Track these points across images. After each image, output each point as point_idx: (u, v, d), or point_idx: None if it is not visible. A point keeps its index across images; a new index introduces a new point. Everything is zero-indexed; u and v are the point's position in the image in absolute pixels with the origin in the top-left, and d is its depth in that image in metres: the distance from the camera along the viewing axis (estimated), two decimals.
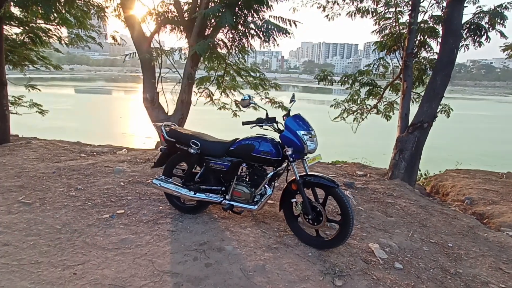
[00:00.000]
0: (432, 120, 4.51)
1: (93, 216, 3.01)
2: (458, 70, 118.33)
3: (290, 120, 2.55)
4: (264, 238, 2.72)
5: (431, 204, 3.96)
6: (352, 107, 8.01)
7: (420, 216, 3.48)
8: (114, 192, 3.61)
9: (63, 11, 5.79)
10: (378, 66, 7.38)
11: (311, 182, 2.55)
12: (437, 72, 4.43)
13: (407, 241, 2.88)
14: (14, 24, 6.72)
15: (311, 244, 2.63)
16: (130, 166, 4.68)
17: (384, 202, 3.76)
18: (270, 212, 3.21)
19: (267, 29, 4.04)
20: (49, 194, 3.47)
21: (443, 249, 2.80)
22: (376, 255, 2.57)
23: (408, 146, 4.57)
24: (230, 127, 2.93)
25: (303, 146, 2.48)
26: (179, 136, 2.96)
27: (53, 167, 4.43)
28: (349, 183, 4.25)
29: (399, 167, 4.64)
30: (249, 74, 6.97)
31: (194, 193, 2.84)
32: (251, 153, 2.63)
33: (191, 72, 4.69)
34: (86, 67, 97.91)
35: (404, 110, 4.86)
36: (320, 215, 2.54)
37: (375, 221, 3.22)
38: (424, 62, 6.34)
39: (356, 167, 5.62)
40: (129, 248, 2.51)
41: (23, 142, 5.97)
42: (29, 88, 8.33)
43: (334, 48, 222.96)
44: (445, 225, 3.32)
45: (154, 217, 3.04)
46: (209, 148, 2.82)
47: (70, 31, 7.79)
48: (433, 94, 4.45)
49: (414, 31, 4.85)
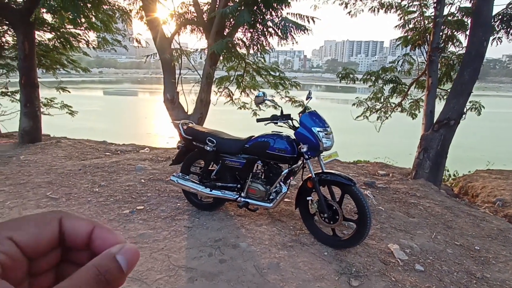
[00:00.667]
0: (459, 117, 4.29)
1: (114, 212, 3.11)
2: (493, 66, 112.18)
3: (305, 116, 2.52)
4: (280, 236, 2.70)
5: (458, 205, 3.77)
6: (376, 106, 7.81)
7: (445, 217, 3.32)
8: (135, 189, 3.71)
9: (90, 16, 6.05)
10: (403, 62, 7.14)
11: (327, 180, 2.50)
12: (465, 66, 4.20)
13: (429, 242, 2.75)
14: (47, 29, 7.09)
15: (327, 243, 2.58)
16: (151, 164, 4.80)
17: (406, 202, 3.62)
18: (286, 210, 3.19)
19: (285, 26, 4.00)
20: (75, 190, 3.63)
21: (469, 252, 2.66)
22: (395, 256, 2.48)
23: (433, 145, 4.38)
24: (251, 127, 2.93)
25: (319, 143, 2.43)
26: (195, 134, 2.99)
27: (79, 164, 4.63)
28: (369, 183, 4.13)
29: (424, 167, 4.45)
30: (268, 73, 6.96)
31: (210, 190, 2.87)
32: (266, 150, 2.62)
33: (210, 72, 4.74)
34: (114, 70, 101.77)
35: (429, 107, 4.66)
36: (336, 214, 2.48)
37: (396, 221, 3.11)
38: (452, 57, 6.05)
39: (378, 167, 5.46)
40: (146, 242, 2.57)
41: (54, 141, 6.28)
42: (59, 90, 8.74)
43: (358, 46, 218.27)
44: (473, 227, 3.14)
45: (172, 213, 3.10)
46: (225, 145, 2.83)
47: (97, 35, 8.11)
48: (460, 90, 4.23)
49: (440, 24, 4.63)
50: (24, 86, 5.80)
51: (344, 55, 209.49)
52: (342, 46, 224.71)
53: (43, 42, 7.67)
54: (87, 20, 6.48)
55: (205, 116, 5.21)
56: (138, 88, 54.87)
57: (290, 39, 4.60)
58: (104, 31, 7.28)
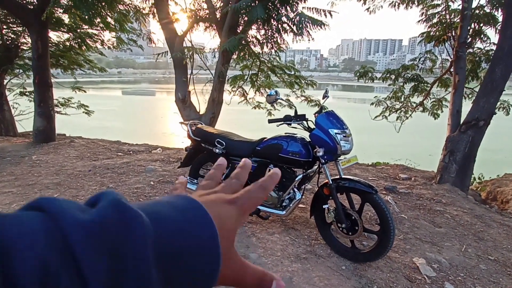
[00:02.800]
0: (489, 118, 3.96)
1: None
2: None
3: (322, 117, 2.31)
4: (293, 246, 2.50)
5: (489, 213, 3.45)
6: (395, 105, 7.48)
7: (476, 227, 3.03)
8: (143, 191, 3.60)
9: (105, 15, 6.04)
10: (424, 60, 6.79)
11: (345, 187, 2.28)
12: (496, 62, 3.87)
13: (459, 257, 2.49)
14: (63, 30, 7.15)
15: (346, 256, 2.36)
16: (162, 165, 4.69)
17: (431, 210, 3.35)
18: (301, 218, 2.98)
19: (300, 21, 3.79)
20: (82, 192, 3.54)
21: (505, 269, 2.38)
22: (422, 272, 2.24)
23: (460, 147, 4.06)
24: (265, 127, 2.74)
25: (336, 147, 2.22)
26: (204, 135, 2.84)
27: (90, 165, 4.57)
28: (390, 187, 3.86)
29: (449, 171, 4.13)
30: (284, 72, 6.76)
31: None
32: (278, 153, 2.42)
33: (222, 70, 4.59)
34: (132, 70, 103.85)
35: (456, 107, 4.33)
36: (355, 224, 2.26)
37: (420, 231, 2.85)
38: (479, 54, 5.66)
39: (399, 170, 5.15)
40: None
41: (67, 141, 6.30)
42: (75, 90, 8.83)
43: (376, 45, 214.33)
44: (507, 239, 2.84)
45: None
46: (235, 147, 2.66)
47: (113, 35, 8.12)
48: (491, 88, 3.89)
49: (468, 18, 4.30)
50: (38, 85, 5.83)
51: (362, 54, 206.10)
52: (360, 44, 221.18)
53: (60, 43, 7.76)
54: (102, 19, 6.49)
55: (218, 116, 5.07)
56: (155, 88, 55.68)
57: (306, 35, 4.39)
58: (119, 30, 7.28)
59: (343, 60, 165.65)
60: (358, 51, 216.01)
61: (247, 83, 6.91)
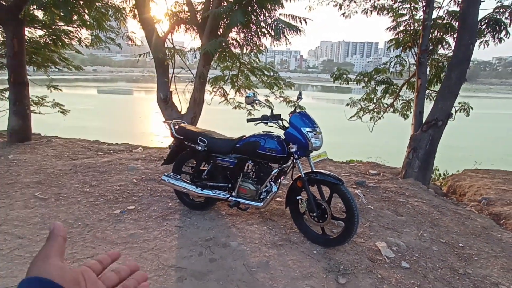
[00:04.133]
0: (447, 118, 4.38)
1: (104, 212, 3.11)
2: (483, 68, 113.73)
3: (295, 117, 2.56)
4: (270, 235, 2.74)
5: (445, 203, 3.85)
6: (368, 106, 7.91)
7: (432, 215, 3.39)
8: (127, 188, 3.72)
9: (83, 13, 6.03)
10: (395, 64, 7.24)
11: (316, 179, 2.54)
12: (452, 68, 4.29)
13: (416, 240, 2.82)
14: (38, 27, 7.02)
15: (317, 242, 2.63)
16: (144, 164, 4.80)
17: (395, 201, 3.69)
18: (277, 210, 3.23)
19: (276, 27, 4.04)
20: (65, 190, 3.62)
21: (453, 249, 2.73)
22: (382, 254, 2.54)
23: (422, 145, 4.46)
24: (245, 126, 2.95)
25: (308, 143, 2.48)
26: (187, 133, 3.02)
27: (70, 164, 4.61)
28: (360, 182, 4.19)
29: (413, 166, 4.53)
30: (263, 73, 6.99)
31: (201, 189, 2.90)
32: (256, 150, 2.65)
33: (203, 71, 4.76)
34: (108, 68, 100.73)
35: (418, 108, 4.74)
36: (325, 213, 2.53)
37: (384, 220, 3.18)
38: (441, 60, 6.15)
39: (370, 166, 5.53)
40: (137, 242, 2.58)
41: (44, 141, 6.24)
42: (51, 88, 8.64)
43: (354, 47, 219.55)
44: (458, 225, 3.22)
45: (164, 213, 3.12)
46: (216, 145, 2.86)
47: (90, 32, 8.04)
48: (448, 92, 4.31)
49: (428, 27, 4.71)
50: (13, 84, 5.74)
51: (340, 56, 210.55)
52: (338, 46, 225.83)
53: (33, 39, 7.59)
54: (79, 17, 6.46)
55: (199, 116, 5.23)
56: (133, 87, 54.40)
57: (283, 39, 4.65)
58: (97, 28, 7.24)
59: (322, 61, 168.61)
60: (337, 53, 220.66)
61: (228, 83, 7.09)
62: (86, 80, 66.55)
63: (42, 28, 7.11)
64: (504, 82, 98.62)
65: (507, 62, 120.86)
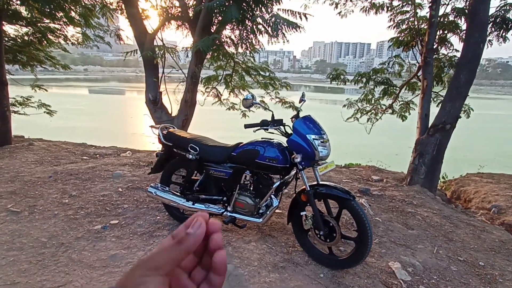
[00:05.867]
0: (455, 121, 4.12)
1: (83, 227, 2.77)
2: None
3: (299, 122, 2.25)
4: (270, 255, 2.43)
5: (456, 213, 3.59)
6: (366, 107, 7.67)
7: (445, 228, 3.12)
8: (111, 199, 3.38)
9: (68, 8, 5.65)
10: (393, 64, 7.01)
11: (322, 193, 2.24)
12: (461, 68, 4.04)
13: (432, 259, 2.54)
14: (22, 24, 6.61)
15: (323, 263, 2.33)
16: (132, 169, 4.46)
17: (403, 212, 3.42)
18: (277, 224, 2.92)
19: (275, 23, 3.74)
20: (41, 201, 3.26)
21: (474, 269, 2.46)
22: (397, 277, 2.25)
23: (429, 150, 4.20)
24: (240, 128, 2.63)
25: (314, 152, 2.17)
26: (176, 140, 2.70)
27: (50, 171, 4.24)
28: (364, 190, 3.91)
29: (419, 172, 4.27)
30: (258, 73, 6.70)
31: (193, 203, 2.57)
32: (255, 159, 2.34)
33: (195, 71, 4.43)
34: (100, 67, 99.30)
35: (424, 111, 4.48)
36: (333, 231, 2.23)
37: (394, 234, 2.89)
38: (443, 60, 5.92)
39: (371, 171, 5.26)
40: (118, 266, 2.25)
41: (25, 144, 5.84)
42: (35, 88, 8.22)
43: (347, 48, 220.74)
44: (474, 239, 2.96)
45: (150, 228, 2.79)
46: (209, 153, 2.54)
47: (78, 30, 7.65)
48: (456, 93, 4.06)
49: (435, 25, 4.46)
50: None
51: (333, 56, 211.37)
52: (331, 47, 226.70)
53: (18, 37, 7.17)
54: (65, 14, 6.08)
55: (191, 118, 4.90)
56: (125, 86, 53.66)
57: (281, 37, 4.35)
58: (84, 26, 6.87)
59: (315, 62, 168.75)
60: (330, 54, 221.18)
61: (221, 84, 6.77)
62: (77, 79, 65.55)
63: (27, 25, 6.71)
64: (494, 83, 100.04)
65: (496, 63, 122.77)
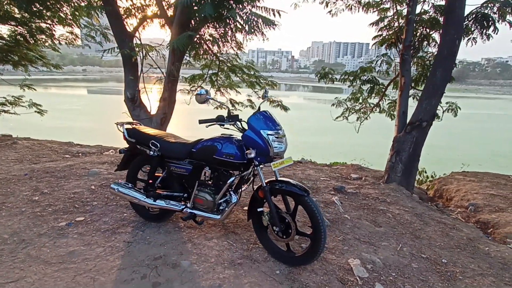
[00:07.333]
0: (431, 119, 4.11)
1: (48, 224, 2.76)
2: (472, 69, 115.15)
3: (253, 118, 2.23)
4: (230, 251, 2.42)
5: (429, 211, 3.57)
6: (355, 106, 7.66)
7: (414, 225, 3.11)
8: (81, 196, 3.37)
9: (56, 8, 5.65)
10: (381, 62, 7.00)
11: (278, 189, 2.23)
12: (437, 66, 4.02)
13: (394, 256, 2.52)
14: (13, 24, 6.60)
15: (281, 260, 2.31)
16: (109, 168, 4.45)
17: (375, 210, 3.40)
18: (243, 221, 2.91)
19: (248, 19, 3.72)
20: (11, 198, 3.25)
21: (435, 266, 2.44)
22: (354, 274, 2.24)
23: (406, 147, 4.18)
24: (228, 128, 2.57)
25: (268, 148, 2.16)
26: (139, 136, 2.68)
27: (27, 169, 4.23)
28: (339, 187, 3.90)
29: (396, 170, 4.25)
30: (244, 72, 6.68)
31: (154, 200, 2.56)
32: (213, 155, 2.33)
33: (172, 69, 4.41)
34: (98, 68, 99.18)
35: (402, 108, 4.47)
36: (289, 227, 2.22)
37: (360, 231, 2.88)
38: (428, 57, 5.90)
39: (353, 170, 5.25)
40: (74, 262, 2.24)
41: (9, 143, 5.83)
42: (24, 88, 8.20)
43: (345, 48, 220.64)
44: (441, 237, 2.94)
45: (115, 225, 2.78)
46: (170, 149, 2.53)
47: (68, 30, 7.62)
48: (433, 90, 4.04)
49: (412, 22, 4.45)
50: None
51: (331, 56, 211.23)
52: (329, 47, 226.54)
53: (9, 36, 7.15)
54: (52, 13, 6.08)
55: (170, 116, 4.88)
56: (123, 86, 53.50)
57: (259, 34, 4.33)
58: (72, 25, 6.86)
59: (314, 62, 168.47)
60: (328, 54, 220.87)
61: (207, 82, 6.75)
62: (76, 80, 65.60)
63: (18, 26, 6.69)
64: (493, 82, 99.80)
65: (496, 63, 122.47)
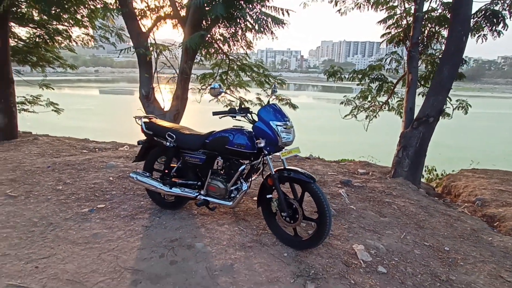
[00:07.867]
0: (438, 115, 4.18)
1: (72, 210, 2.97)
2: (488, 67, 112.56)
3: (263, 110, 2.39)
4: (240, 236, 2.58)
5: (434, 204, 3.66)
6: (364, 104, 7.72)
7: (418, 217, 3.21)
8: (101, 186, 3.58)
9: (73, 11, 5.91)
10: (391, 60, 7.05)
11: (286, 177, 2.38)
12: (444, 62, 4.10)
13: (397, 243, 2.64)
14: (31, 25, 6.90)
15: (289, 244, 2.46)
16: (125, 161, 4.67)
17: (380, 202, 3.51)
18: (252, 209, 3.06)
19: (258, 18, 3.88)
20: (37, 187, 3.48)
21: (437, 253, 2.55)
22: (358, 257, 2.36)
23: (412, 143, 4.27)
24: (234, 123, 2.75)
25: (277, 138, 2.31)
26: (156, 129, 2.87)
27: (49, 162, 4.48)
28: (345, 181, 4.02)
29: (402, 165, 4.34)
30: (253, 70, 6.84)
31: (170, 187, 2.74)
32: (225, 146, 2.49)
33: (185, 67, 4.60)
34: (110, 69, 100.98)
35: (409, 104, 4.55)
36: (296, 213, 2.36)
37: (365, 221, 3.00)
38: (436, 54, 5.95)
39: (360, 165, 5.34)
40: (98, 242, 2.43)
41: (31, 139, 6.12)
42: (42, 87, 8.54)
43: (355, 47, 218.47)
44: (445, 227, 3.03)
45: (133, 212, 2.97)
46: (185, 141, 2.71)
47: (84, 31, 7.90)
48: (440, 86, 4.12)
49: (420, 19, 4.52)
50: None
51: (341, 56, 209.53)
52: (339, 46, 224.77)
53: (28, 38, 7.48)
54: (69, 15, 6.36)
55: (182, 113, 5.08)
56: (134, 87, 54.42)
57: (268, 33, 4.48)
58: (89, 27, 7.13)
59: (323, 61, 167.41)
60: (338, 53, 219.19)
61: (217, 81, 6.94)
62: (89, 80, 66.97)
63: (35, 27, 7.00)
64: (510, 81, 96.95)
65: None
